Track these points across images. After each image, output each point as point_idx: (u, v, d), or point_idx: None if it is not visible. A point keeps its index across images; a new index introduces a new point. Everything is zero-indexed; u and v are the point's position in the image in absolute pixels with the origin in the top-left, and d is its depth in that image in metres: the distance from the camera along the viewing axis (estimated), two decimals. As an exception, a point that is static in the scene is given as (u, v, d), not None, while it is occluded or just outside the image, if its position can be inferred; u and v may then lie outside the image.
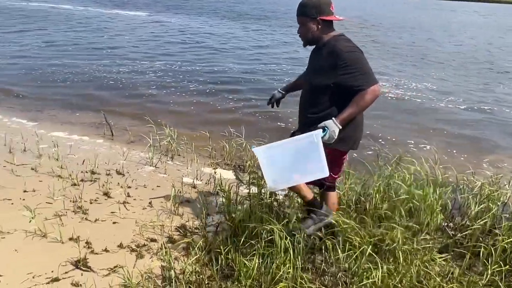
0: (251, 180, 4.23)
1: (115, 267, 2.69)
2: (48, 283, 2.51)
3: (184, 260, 2.76)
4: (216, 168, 4.59)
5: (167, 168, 4.44)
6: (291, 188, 2.74)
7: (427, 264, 2.61)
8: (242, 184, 4.17)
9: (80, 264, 2.68)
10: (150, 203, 3.63)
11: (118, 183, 3.99)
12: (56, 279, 2.54)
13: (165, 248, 2.82)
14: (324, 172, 2.31)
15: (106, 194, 3.73)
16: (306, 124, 2.57)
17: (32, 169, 4.17)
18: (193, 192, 3.95)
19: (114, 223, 3.28)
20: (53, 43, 12.40)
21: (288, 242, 2.45)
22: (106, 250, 2.89)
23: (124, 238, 3.03)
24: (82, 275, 2.61)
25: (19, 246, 2.85)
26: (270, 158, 2.36)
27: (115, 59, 10.57)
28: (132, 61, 10.43)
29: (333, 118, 2.34)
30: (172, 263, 2.60)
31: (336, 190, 2.96)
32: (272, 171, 2.38)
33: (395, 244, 2.64)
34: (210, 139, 5.03)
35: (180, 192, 3.77)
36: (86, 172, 4.17)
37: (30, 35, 13.82)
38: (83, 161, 4.43)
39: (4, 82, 8.01)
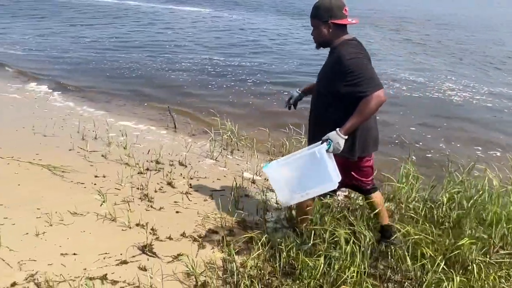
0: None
1: (178, 255, 2.77)
2: (118, 265, 2.63)
3: (245, 253, 2.78)
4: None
5: (227, 162, 4.51)
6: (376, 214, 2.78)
7: (503, 280, 2.43)
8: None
9: (146, 249, 2.79)
10: (211, 195, 3.70)
11: (181, 174, 4.10)
12: (125, 262, 2.66)
13: (226, 240, 2.86)
14: (333, 184, 2.33)
15: (169, 184, 3.85)
16: (312, 131, 2.64)
17: (102, 155, 4.41)
18: (252, 187, 3.98)
19: (177, 212, 3.38)
20: (120, 38, 13.03)
21: (355, 246, 2.39)
22: (170, 238, 2.98)
23: (186, 228, 3.12)
24: (148, 260, 2.71)
25: (91, 228, 3.02)
26: (280, 176, 2.49)
27: (177, 54, 10.90)
28: (193, 57, 10.70)
29: (337, 129, 2.30)
30: (233, 256, 2.63)
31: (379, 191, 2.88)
32: (283, 188, 2.50)
33: (468, 256, 2.48)
34: (270, 135, 5.04)
35: (240, 186, 3.80)
36: (151, 161, 4.34)
37: (99, 29, 14.64)
38: (148, 151, 4.60)
39: (75, 74, 8.55)
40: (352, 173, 2.62)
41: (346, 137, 2.31)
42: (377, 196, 2.77)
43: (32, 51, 10.58)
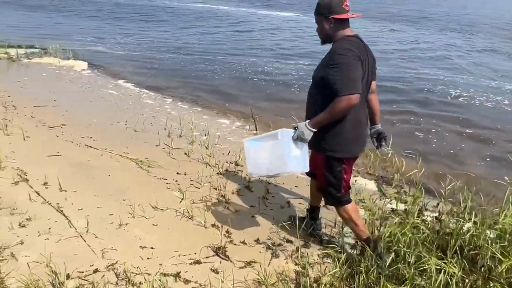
0: (396, 195, 3.91)
1: (251, 261, 2.70)
2: (191, 264, 2.64)
3: (320, 269, 2.63)
4: (357, 176, 4.34)
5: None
6: (346, 223, 2.76)
7: None
8: (385, 197, 3.87)
9: (220, 252, 2.77)
10: (288, 202, 3.60)
11: (259, 178, 4.06)
12: (198, 262, 2.66)
13: (301, 252, 2.74)
14: (286, 168, 2.45)
15: (247, 187, 3.83)
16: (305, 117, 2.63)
17: (185, 153, 4.54)
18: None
19: (252, 216, 3.33)
20: (208, 41, 13.55)
21: (448, 278, 2.11)
22: (243, 243, 2.93)
23: (261, 234, 3.05)
24: (220, 262, 2.69)
25: (170, 223, 3.09)
26: (253, 151, 2.63)
27: (262, 58, 11.00)
28: (277, 61, 10.72)
29: (307, 121, 2.42)
30: (308, 270, 2.50)
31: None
32: (251, 161, 2.65)
33: None
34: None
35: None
36: (231, 163, 4.36)
37: (190, 32, 15.39)
38: (229, 152, 4.65)
39: (166, 74, 9.01)
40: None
41: (314, 129, 2.40)
42: (348, 211, 2.69)
43: (131, 51, 11.42)
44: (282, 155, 2.46)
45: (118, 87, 7.59)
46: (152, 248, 2.75)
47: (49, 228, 2.80)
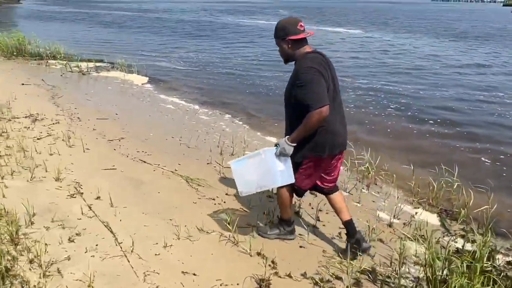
0: (462, 232, 3.54)
1: (296, 298, 2.52)
2: (233, 295, 2.51)
3: (372, 314, 2.38)
4: (418, 208, 4.00)
5: (361, 197, 4.11)
6: (279, 202, 3.05)
7: None
8: (449, 234, 3.51)
9: (264, 284, 2.61)
10: (339, 233, 3.36)
11: (310, 203, 3.87)
12: (240, 294, 2.53)
13: (351, 292, 2.51)
14: (275, 182, 2.81)
15: (296, 213, 3.65)
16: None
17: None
18: (388, 231, 3.50)
19: (300, 247, 3.14)
20: (265, 57, 13.62)
21: None
22: (289, 276, 2.75)
23: (308, 267, 2.85)
24: (263, 296, 2.53)
25: (214, 248, 2.99)
26: (240, 171, 2.90)
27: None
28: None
29: (286, 137, 2.67)
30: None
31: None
32: (241, 181, 2.90)
33: None
34: (414, 173, 4.44)
35: (374, 228, 3.37)
36: (281, 185, 4.21)
37: (247, 48, 15.59)
38: (280, 173, 4.50)
39: (222, 90, 9.11)
40: (322, 175, 2.90)
41: (294, 144, 2.64)
42: (336, 199, 3.03)
43: (191, 67, 11.77)
44: (269, 171, 2.75)
45: (176, 102, 7.77)
46: (194, 274, 2.66)
47: (96, 245, 2.81)
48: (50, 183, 3.67)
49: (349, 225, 2.97)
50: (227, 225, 3.27)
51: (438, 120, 7.08)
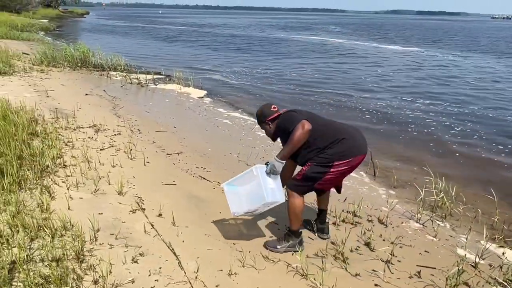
0: None
1: None
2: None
3: None
4: (504, 247, 3.55)
5: (437, 231, 3.72)
6: (291, 212, 3.08)
7: None
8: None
9: (340, 328, 2.34)
10: (418, 272, 3.01)
11: (381, 235, 3.55)
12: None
13: None
14: (264, 198, 2.82)
15: (367, 244, 3.34)
16: None
17: (297, 195, 4.22)
18: (472, 273, 3.10)
19: (376, 285, 2.83)
20: (321, 74, 13.37)
21: None
22: (367, 319, 2.46)
23: (387, 310, 2.55)
24: None
25: (281, 280, 2.76)
26: (232, 192, 3.03)
27: (375, 93, 10.39)
28: (394, 96, 10.01)
29: (276, 156, 2.90)
30: None
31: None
32: (233, 201, 3.01)
33: None
34: (498, 206, 3.99)
35: (459, 269, 2.99)
36: (348, 212, 3.93)
37: (304, 65, 15.41)
38: (345, 198, 4.22)
39: (279, 104, 8.92)
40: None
41: (283, 161, 2.92)
42: (328, 192, 3.44)
43: (245, 81, 11.75)
44: (260, 187, 2.84)
45: (232, 116, 7.70)
46: (262, 309, 2.44)
47: (160, 268, 2.67)
48: (113, 196, 3.62)
49: (322, 213, 3.46)
50: (294, 254, 3.04)
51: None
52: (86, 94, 8.11)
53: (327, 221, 3.47)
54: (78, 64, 11.69)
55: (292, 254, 3.08)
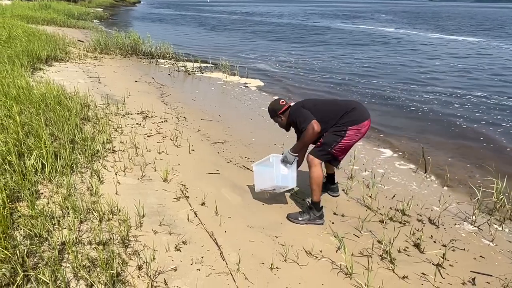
0: None
1: None
2: None
3: None
4: None
5: (495, 235, 3.45)
6: (312, 183, 3.35)
7: None
8: None
9: (386, 333, 2.22)
10: (473, 279, 2.81)
11: (431, 236, 3.35)
12: None
13: None
14: (274, 183, 3.37)
15: (416, 246, 3.17)
16: None
17: (343, 190, 4.10)
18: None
19: (425, 289, 2.67)
20: (372, 64, 12.90)
21: None
22: (415, 326, 2.33)
23: (438, 318, 2.39)
24: None
25: (325, 278, 2.67)
26: (257, 171, 3.53)
27: (434, 86, 9.86)
28: (451, 91, 9.45)
29: (290, 149, 3.38)
30: None
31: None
32: (257, 179, 3.54)
33: None
34: None
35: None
36: (396, 210, 3.75)
37: (355, 56, 14.94)
38: (393, 195, 4.03)
39: (323, 96, 8.72)
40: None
41: (296, 154, 3.36)
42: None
43: (291, 70, 11.57)
44: (273, 172, 3.36)
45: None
46: (304, 307, 2.38)
47: (202, 257, 2.67)
48: (158, 183, 3.68)
49: (332, 176, 3.95)
50: (339, 251, 2.94)
51: None
52: (136, 81, 8.32)
53: (336, 182, 3.97)
54: (129, 52, 12.04)
55: (336, 251, 2.99)
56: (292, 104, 3.57)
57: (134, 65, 10.55)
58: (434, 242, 3.27)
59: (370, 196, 3.96)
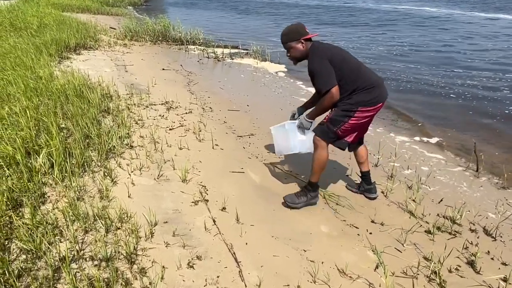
0: None
1: None
2: None
3: None
4: None
5: None
6: (315, 165, 3.14)
7: None
8: None
9: None
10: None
11: (488, 251, 2.85)
12: None
13: None
14: (292, 151, 3.32)
15: (471, 264, 2.69)
16: None
17: (382, 192, 3.63)
18: None
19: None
20: (406, 46, 12.02)
21: None
22: None
23: None
24: None
25: (361, 305, 2.27)
26: (276, 136, 3.41)
27: (481, 71, 8.99)
28: (501, 76, 8.56)
29: (305, 114, 3.18)
30: None
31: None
32: (279, 144, 3.42)
33: None
34: None
35: None
36: (445, 218, 3.25)
37: (382, 36, 14.05)
38: (441, 199, 3.53)
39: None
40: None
41: (311, 120, 3.15)
42: (363, 148, 3.45)
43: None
44: (290, 139, 3.28)
45: (310, 94, 7.10)
46: None
47: (218, 277, 2.33)
48: (176, 184, 3.36)
49: (367, 175, 3.49)
50: (377, 269, 2.52)
51: None
52: (163, 69, 8.06)
53: (373, 181, 3.53)
54: (159, 38, 11.82)
55: (375, 269, 2.57)
56: (314, 39, 3.12)
57: (163, 52, 10.31)
58: (492, 259, 2.78)
59: (414, 200, 3.48)
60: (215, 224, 2.86)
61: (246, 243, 2.69)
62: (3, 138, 3.23)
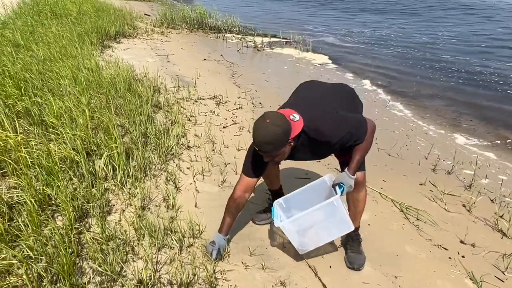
0: None
1: None
2: None
3: None
4: None
5: None
6: (361, 209, 2.50)
7: None
8: None
9: None
10: None
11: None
12: None
13: None
14: (350, 227, 2.25)
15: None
16: None
17: (463, 205, 3.29)
18: None
19: None
20: (456, 36, 11.35)
21: None
22: None
23: None
24: None
25: None
26: (295, 228, 2.30)
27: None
28: None
29: (346, 171, 2.21)
30: None
31: None
32: (298, 238, 2.32)
33: None
34: None
35: None
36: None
37: (440, 27, 13.35)
38: (501, 214, 3.17)
39: (412, 77, 7.66)
40: None
41: (355, 176, 2.23)
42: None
43: (370, 45, 10.47)
44: (344, 219, 2.24)
45: (360, 88, 6.73)
46: None
47: (307, 308, 2.08)
48: (241, 191, 3.11)
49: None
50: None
51: None
52: (204, 59, 7.81)
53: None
54: (196, 26, 11.56)
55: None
56: (297, 117, 2.14)
57: (201, 41, 10.05)
58: None
59: (502, 217, 3.13)
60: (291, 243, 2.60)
61: (330, 266, 2.43)
62: (63, 138, 3.05)
